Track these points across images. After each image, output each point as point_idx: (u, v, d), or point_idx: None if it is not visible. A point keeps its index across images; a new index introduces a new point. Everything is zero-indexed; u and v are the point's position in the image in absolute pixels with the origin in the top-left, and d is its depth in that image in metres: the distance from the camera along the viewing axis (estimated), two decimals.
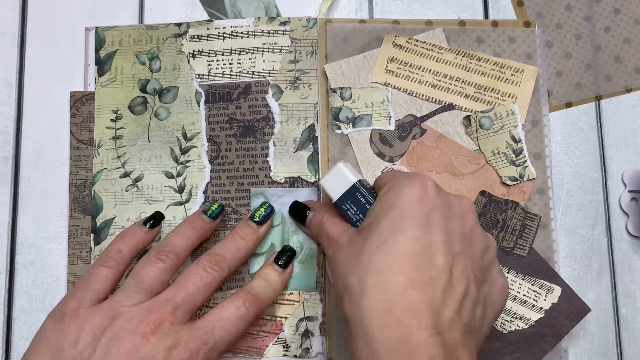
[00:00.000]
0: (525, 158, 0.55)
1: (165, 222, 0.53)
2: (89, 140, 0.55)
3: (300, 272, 0.54)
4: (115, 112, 0.55)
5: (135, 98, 0.56)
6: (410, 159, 0.55)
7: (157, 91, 0.56)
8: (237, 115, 0.56)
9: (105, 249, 0.48)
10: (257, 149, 0.55)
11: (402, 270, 0.39)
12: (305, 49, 0.56)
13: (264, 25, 0.57)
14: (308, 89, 0.56)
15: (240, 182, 0.55)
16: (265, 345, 0.53)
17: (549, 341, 0.53)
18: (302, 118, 0.56)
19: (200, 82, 0.56)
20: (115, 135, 0.55)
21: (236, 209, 0.54)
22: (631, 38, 0.58)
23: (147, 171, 0.55)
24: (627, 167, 0.57)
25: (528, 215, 0.54)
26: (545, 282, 0.54)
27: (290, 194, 0.55)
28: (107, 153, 0.55)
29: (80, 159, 0.55)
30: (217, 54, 0.57)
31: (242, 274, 0.53)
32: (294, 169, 0.55)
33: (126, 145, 0.55)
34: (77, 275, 0.53)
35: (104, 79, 0.56)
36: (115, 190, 0.54)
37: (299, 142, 0.55)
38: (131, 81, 0.56)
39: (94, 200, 0.54)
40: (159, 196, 0.55)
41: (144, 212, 0.54)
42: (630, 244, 0.57)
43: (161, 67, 0.56)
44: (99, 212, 0.54)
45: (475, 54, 0.56)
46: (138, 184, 0.55)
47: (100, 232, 0.54)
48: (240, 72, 0.56)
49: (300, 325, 0.53)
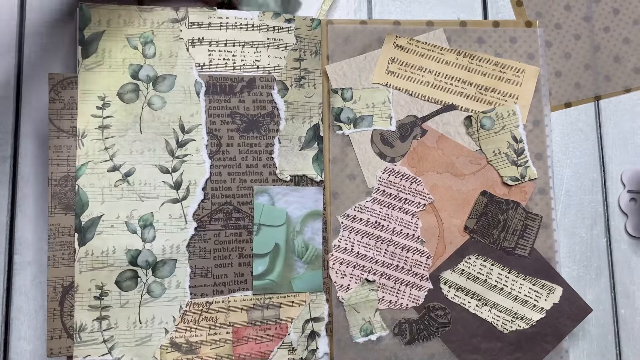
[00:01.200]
0: (527, 158, 0.55)
1: (160, 221, 0.51)
2: (71, 129, 0.50)
3: (307, 273, 0.53)
4: (102, 98, 0.51)
5: (125, 84, 0.51)
6: (411, 160, 0.55)
7: (151, 79, 0.52)
8: (240, 109, 0.53)
9: None
10: (262, 145, 0.53)
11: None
12: (309, 48, 0.55)
13: (269, 20, 0.54)
14: (313, 88, 0.55)
15: (242, 179, 0.53)
16: (270, 350, 0.52)
17: (550, 341, 0.53)
18: (307, 117, 0.55)
19: (200, 72, 0.53)
20: (102, 125, 0.50)
21: (238, 207, 0.52)
22: (630, 38, 0.58)
23: (139, 165, 0.51)
24: (626, 168, 0.58)
25: (529, 216, 0.54)
26: (547, 282, 0.54)
27: (295, 193, 0.54)
28: (92, 144, 0.50)
29: (60, 150, 0.49)
30: (219, 44, 0.54)
31: (245, 276, 0.52)
32: (299, 167, 0.54)
33: (115, 135, 0.50)
34: (59, 279, 0.49)
35: (89, 62, 0.51)
36: (102, 185, 0.50)
37: (304, 140, 0.54)
38: (121, 66, 0.51)
39: (78, 196, 0.49)
40: (153, 192, 0.51)
41: (136, 209, 0.51)
42: (630, 244, 0.57)
43: (156, 53, 0.52)
44: (84, 209, 0.50)
45: (476, 55, 0.56)
46: (129, 179, 0.51)
47: (85, 232, 0.49)
48: (243, 65, 0.54)
49: (306, 327, 0.52)
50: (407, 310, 0.53)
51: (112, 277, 0.50)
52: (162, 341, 0.50)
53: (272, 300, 0.52)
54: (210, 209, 0.52)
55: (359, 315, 0.53)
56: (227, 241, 0.52)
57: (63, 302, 0.49)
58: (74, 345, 0.48)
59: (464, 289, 0.54)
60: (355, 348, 0.53)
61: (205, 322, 0.51)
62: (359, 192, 0.54)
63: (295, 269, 0.53)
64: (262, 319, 0.52)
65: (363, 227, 0.54)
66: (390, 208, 0.54)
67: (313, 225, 0.53)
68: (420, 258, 0.54)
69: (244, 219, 0.52)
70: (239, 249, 0.52)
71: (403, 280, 0.53)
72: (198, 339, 0.50)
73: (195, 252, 0.51)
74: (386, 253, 0.54)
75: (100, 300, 0.49)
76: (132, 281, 0.50)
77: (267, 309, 0.52)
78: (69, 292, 0.49)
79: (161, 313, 0.50)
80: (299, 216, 0.53)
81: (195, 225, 0.51)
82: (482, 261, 0.54)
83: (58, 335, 0.48)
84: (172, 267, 0.51)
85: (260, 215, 0.53)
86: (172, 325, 0.50)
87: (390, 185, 0.54)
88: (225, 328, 0.51)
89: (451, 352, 0.53)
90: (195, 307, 0.51)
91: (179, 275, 0.51)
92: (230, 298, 0.51)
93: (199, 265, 0.51)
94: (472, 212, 0.54)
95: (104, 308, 0.49)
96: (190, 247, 0.51)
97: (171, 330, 0.50)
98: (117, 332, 0.49)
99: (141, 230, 0.50)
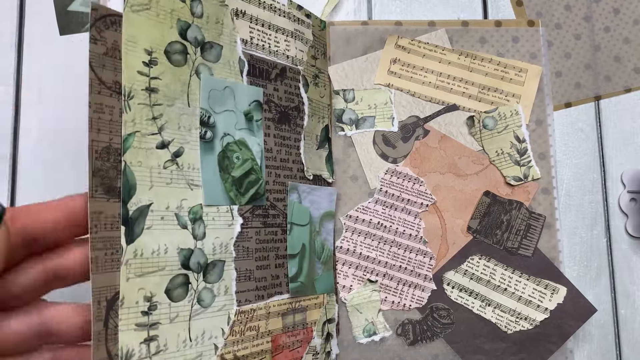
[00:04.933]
0: (530, 158, 0.55)
1: (209, 215, 0.42)
2: (114, 84, 0.37)
3: (324, 274, 0.51)
4: (149, 53, 0.39)
5: (173, 42, 0.40)
6: (413, 160, 0.55)
7: (200, 42, 0.42)
8: (275, 98, 0.48)
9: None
10: (292, 140, 0.49)
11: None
12: (320, 48, 0.54)
13: (294, 11, 0.50)
14: (324, 88, 0.54)
15: (277, 174, 0.47)
16: (300, 356, 0.47)
17: (555, 341, 0.53)
18: (321, 116, 0.53)
19: (244, 48, 0.46)
20: (149, 87, 0.38)
21: (274, 204, 0.46)
22: (630, 38, 0.59)
23: (187, 145, 0.40)
24: (626, 168, 0.58)
25: (532, 215, 0.54)
26: (551, 283, 0.54)
27: (315, 192, 0.51)
28: (140, 110, 0.38)
29: (102, 110, 0.36)
30: (258, 23, 0.47)
31: (280, 278, 0.46)
32: (317, 166, 0.52)
33: (163, 103, 0.39)
34: (103, 290, 0.35)
35: (136, 2, 0.38)
36: (151, 165, 0.38)
37: (319, 139, 0.53)
38: (169, 18, 0.40)
39: (125, 177, 0.37)
40: (201, 180, 0.41)
41: (186, 199, 0.40)
42: (630, 244, 0.57)
43: (203, 14, 0.43)
44: (131, 194, 0.37)
45: (478, 54, 0.56)
46: (178, 160, 0.40)
47: (134, 224, 0.37)
48: (277, 51, 0.48)
49: (324, 329, 0.51)
50: (410, 310, 0.53)
51: (162, 285, 0.38)
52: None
53: (301, 303, 0.48)
54: (252, 204, 0.46)
55: (362, 316, 0.52)
56: (266, 240, 0.45)
57: (107, 321, 0.36)
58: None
59: (467, 289, 0.54)
60: (359, 349, 0.52)
61: (249, 332, 0.43)
62: (361, 193, 0.54)
63: (316, 271, 0.50)
64: (294, 324, 0.47)
65: (365, 228, 0.54)
66: (392, 209, 0.54)
67: (327, 226, 0.53)
68: (423, 259, 0.54)
69: (279, 216, 0.47)
70: (275, 249, 0.47)
71: (406, 281, 0.53)
72: (244, 352, 0.43)
73: (240, 252, 0.44)
74: (389, 254, 0.53)
75: (149, 315, 0.38)
76: (183, 288, 0.40)
77: (297, 312, 0.47)
78: (112, 307, 0.36)
79: (211, 326, 0.41)
80: (317, 216, 0.51)
81: (241, 222, 0.44)
82: (486, 261, 0.54)
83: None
84: (221, 270, 0.42)
85: (292, 213, 0.48)
86: (221, 339, 0.42)
87: (392, 186, 0.54)
88: (265, 337, 0.44)
89: (455, 353, 0.53)
90: (242, 316, 0.43)
91: (227, 280, 0.43)
92: (270, 303, 0.45)
93: (243, 268, 0.44)
94: (475, 213, 0.54)
95: (152, 326, 0.38)
96: (236, 246, 0.44)
97: (220, 345, 0.42)
98: (167, 355, 0.38)
99: (192, 225, 0.41)
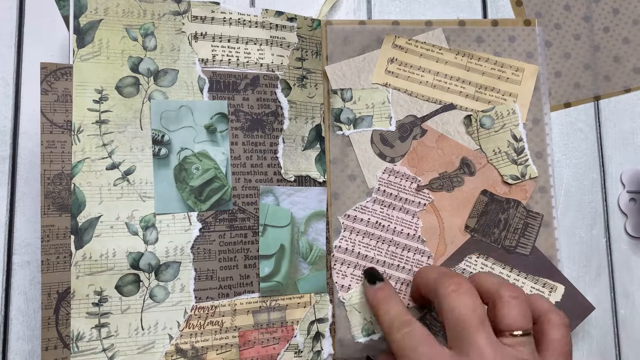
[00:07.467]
0: (527, 157, 0.55)
1: (163, 222, 0.49)
2: (66, 123, 0.47)
3: (311, 274, 0.52)
4: (100, 92, 0.47)
5: (124, 77, 0.48)
6: (411, 159, 0.55)
7: (152, 72, 0.49)
8: (244, 107, 0.52)
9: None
10: (266, 145, 0.52)
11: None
12: (310, 48, 0.55)
13: (272, 18, 0.53)
14: (314, 88, 0.55)
15: (247, 179, 0.51)
16: (277, 352, 0.50)
17: None
18: (309, 117, 0.54)
19: (204, 67, 0.51)
20: (99, 120, 0.47)
21: (243, 208, 0.51)
22: (630, 38, 0.59)
23: (140, 163, 0.48)
24: (626, 168, 0.58)
25: (530, 214, 0.54)
26: (548, 281, 0.53)
27: (299, 193, 0.53)
28: (89, 140, 0.47)
29: (54, 145, 0.46)
30: (223, 40, 0.52)
31: (251, 278, 0.51)
32: (302, 167, 0.53)
33: (114, 131, 0.47)
34: (54, 285, 0.46)
35: (85, 52, 0.48)
36: (100, 184, 0.47)
37: (307, 140, 0.54)
38: (119, 58, 0.48)
39: (74, 196, 0.46)
40: (154, 192, 0.49)
41: (137, 209, 0.48)
42: (629, 244, 0.57)
43: (157, 46, 0.50)
44: (80, 209, 0.46)
45: (475, 54, 0.56)
46: (129, 178, 0.48)
47: (82, 234, 0.46)
48: (247, 62, 0.52)
49: (311, 329, 0.52)
50: (409, 309, 0.53)
51: (112, 282, 0.47)
52: (166, 348, 0.48)
53: (279, 302, 0.51)
54: (215, 209, 0.50)
55: (360, 315, 0.53)
56: (233, 242, 0.50)
57: (58, 310, 0.46)
58: (71, 355, 0.46)
59: None
60: (357, 348, 0.52)
61: (211, 326, 0.49)
62: (359, 193, 0.54)
63: (300, 270, 0.52)
64: (268, 321, 0.51)
65: (364, 228, 0.54)
66: (390, 208, 0.54)
67: (317, 226, 0.53)
68: (421, 258, 0.54)
69: (249, 219, 0.51)
70: (244, 251, 0.51)
71: (404, 280, 0.53)
72: (204, 344, 0.49)
73: (199, 254, 0.49)
74: (387, 253, 0.53)
75: (99, 306, 0.47)
76: (134, 285, 0.48)
77: (273, 311, 0.51)
78: (64, 298, 0.46)
79: (165, 318, 0.48)
80: (303, 217, 0.53)
81: (200, 227, 0.50)
82: (484, 260, 0.54)
83: (53, 345, 0.46)
84: (176, 270, 0.49)
85: (265, 215, 0.51)
86: (176, 330, 0.48)
87: (390, 185, 0.54)
88: (231, 332, 0.50)
89: None
90: (201, 311, 0.49)
91: (183, 279, 0.49)
92: (237, 301, 0.50)
93: (204, 268, 0.49)
94: (473, 211, 0.54)
95: (103, 315, 0.47)
96: (194, 249, 0.49)
97: (176, 336, 0.48)
98: (117, 340, 0.47)
99: (143, 232, 0.48)
